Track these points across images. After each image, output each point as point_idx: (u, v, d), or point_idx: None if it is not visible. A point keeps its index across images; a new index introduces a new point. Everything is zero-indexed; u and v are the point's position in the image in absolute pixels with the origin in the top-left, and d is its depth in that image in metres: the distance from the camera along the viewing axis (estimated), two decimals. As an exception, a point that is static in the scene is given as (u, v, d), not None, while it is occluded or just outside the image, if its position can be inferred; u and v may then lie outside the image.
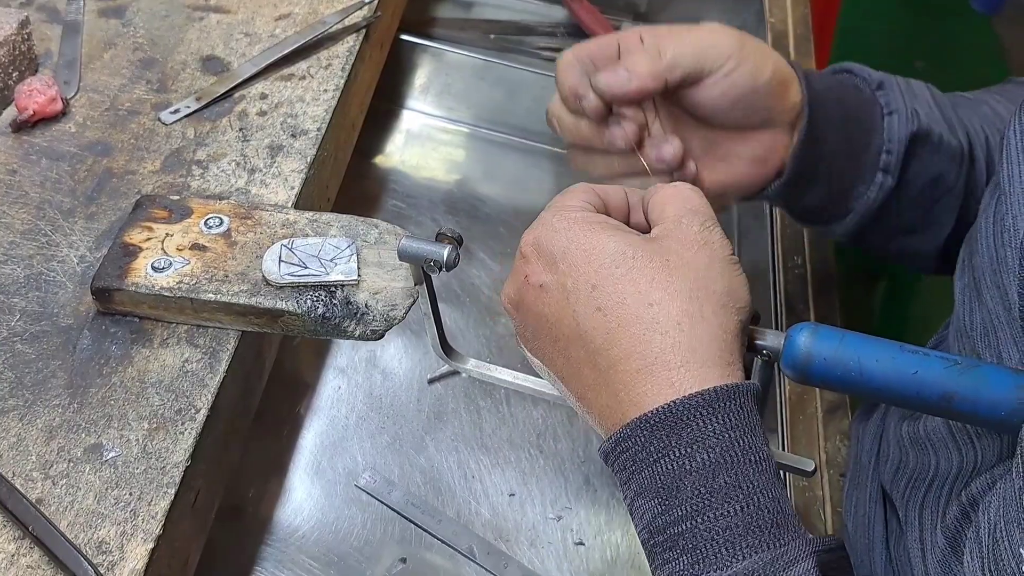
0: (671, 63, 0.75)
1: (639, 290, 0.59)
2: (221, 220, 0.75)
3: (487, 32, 1.37)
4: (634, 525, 0.58)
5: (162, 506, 0.63)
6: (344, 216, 0.77)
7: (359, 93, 0.97)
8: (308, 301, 0.71)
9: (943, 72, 0.90)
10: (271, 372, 0.82)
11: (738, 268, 0.62)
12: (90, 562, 0.59)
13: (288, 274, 0.72)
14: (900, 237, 0.88)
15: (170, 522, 0.63)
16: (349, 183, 0.97)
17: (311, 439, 0.96)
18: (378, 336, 0.73)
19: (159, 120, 0.86)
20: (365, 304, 0.72)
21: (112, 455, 0.65)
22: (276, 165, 0.83)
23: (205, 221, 0.75)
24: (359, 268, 0.73)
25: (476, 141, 1.29)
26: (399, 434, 0.97)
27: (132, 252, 0.73)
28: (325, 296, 0.72)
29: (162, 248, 0.73)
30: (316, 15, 0.96)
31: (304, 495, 0.92)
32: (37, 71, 0.89)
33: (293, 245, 0.74)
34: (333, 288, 0.72)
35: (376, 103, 1.05)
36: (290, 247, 0.73)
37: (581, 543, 0.91)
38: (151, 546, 0.61)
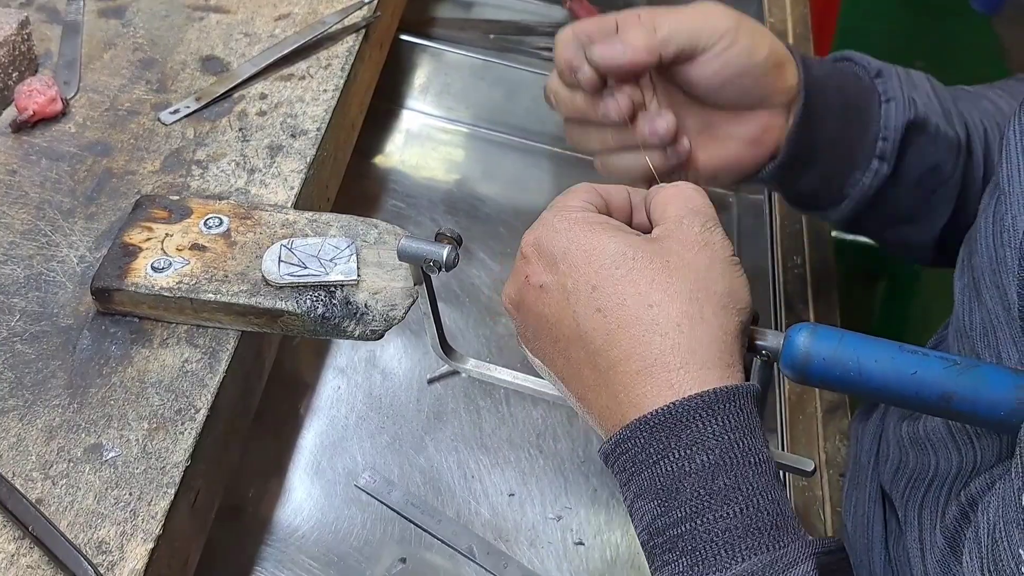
0: (665, 38, 0.77)
1: (639, 291, 0.59)
2: (221, 220, 0.75)
3: (487, 32, 1.37)
4: (634, 526, 0.58)
5: (162, 506, 0.63)
6: (344, 216, 0.77)
7: (359, 93, 0.97)
8: (308, 301, 0.71)
9: (943, 72, 0.90)
10: (271, 372, 0.82)
11: (739, 269, 0.62)
12: (90, 562, 0.59)
13: (288, 274, 0.72)
14: (896, 226, 0.88)
15: (170, 522, 0.63)
16: (349, 183, 0.97)
17: (311, 439, 0.96)
18: (378, 336, 0.73)
19: (159, 120, 0.86)
20: (365, 304, 0.72)
21: (112, 455, 0.65)
22: (276, 165, 0.83)
23: (205, 221, 0.75)
24: (359, 268, 0.73)
25: (476, 141, 1.29)
26: (399, 434, 0.97)
27: (132, 252, 0.73)
28: (325, 296, 0.72)
29: (162, 248, 0.74)
30: (316, 15, 0.96)
31: (304, 495, 0.92)
32: (37, 71, 0.89)
33: (293, 245, 0.74)
34: (333, 288, 0.72)
35: (376, 103, 1.05)
36: (290, 247, 0.73)
37: (581, 543, 0.91)
38: (151, 546, 0.61)
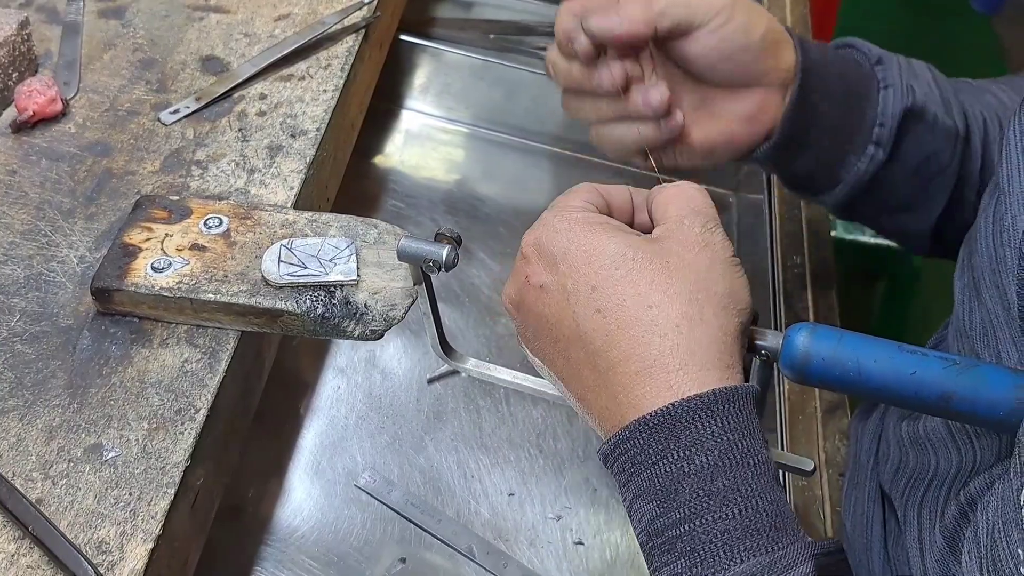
0: (662, 11, 0.78)
1: (638, 292, 0.59)
2: (220, 220, 0.76)
3: (486, 32, 1.37)
4: (633, 527, 0.58)
5: (162, 506, 0.63)
6: (343, 216, 0.77)
7: (358, 93, 0.97)
8: (307, 301, 0.71)
9: (943, 72, 0.90)
10: (271, 372, 0.82)
11: (739, 270, 0.62)
12: (90, 562, 0.59)
13: (287, 274, 0.72)
14: (892, 214, 0.89)
15: (170, 522, 0.63)
16: (348, 183, 0.97)
17: (311, 439, 0.96)
18: (377, 336, 0.73)
19: (159, 120, 0.86)
20: (364, 304, 0.72)
21: (112, 455, 0.65)
22: (275, 165, 0.83)
23: (204, 221, 0.75)
24: (358, 268, 0.73)
25: (475, 141, 1.29)
26: (398, 434, 0.97)
27: (132, 252, 0.73)
28: (324, 296, 0.72)
29: (162, 248, 0.74)
30: (315, 15, 0.96)
31: (304, 495, 0.92)
32: (37, 72, 0.89)
33: (292, 245, 0.74)
34: (332, 288, 0.72)
35: (375, 103, 1.05)
36: (289, 247, 0.73)
37: (580, 543, 0.91)
38: (151, 546, 0.61)
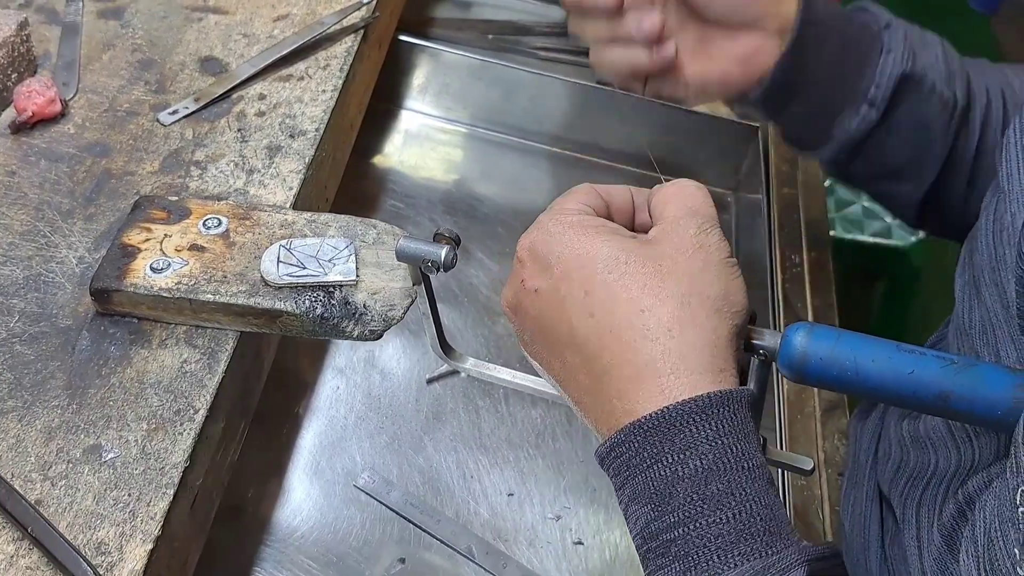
0: None
1: (631, 296, 0.59)
2: (219, 221, 0.76)
3: (485, 32, 1.37)
4: (629, 530, 0.58)
5: (161, 507, 0.63)
6: (342, 216, 0.77)
7: (357, 93, 0.97)
8: (306, 301, 0.71)
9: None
10: (270, 372, 0.82)
11: (735, 271, 0.61)
12: (89, 563, 0.59)
13: (286, 275, 0.72)
14: (882, 181, 0.91)
15: (169, 523, 0.63)
16: (347, 183, 0.97)
17: (310, 439, 0.96)
18: (376, 336, 0.73)
19: (158, 121, 0.86)
20: (363, 304, 0.72)
21: (111, 456, 0.65)
22: (274, 166, 0.83)
23: (203, 222, 0.75)
24: (357, 268, 0.73)
25: (474, 141, 1.29)
26: (398, 434, 0.97)
27: (131, 253, 0.73)
28: (323, 296, 0.72)
29: (161, 249, 0.74)
30: (314, 16, 0.96)
31: (303, 495, 0.92)
32: (36, 72, 0.89)
33: (291, 246, 0.74)
34: (331, 288, 0.72)
35: (374, 103, 1.05)
36: (288, 248, 0.73)
37: (580, 542, 0.92)
38: (150, 547, 0.61)
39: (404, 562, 0.88)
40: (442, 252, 0.69)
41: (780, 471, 0.90)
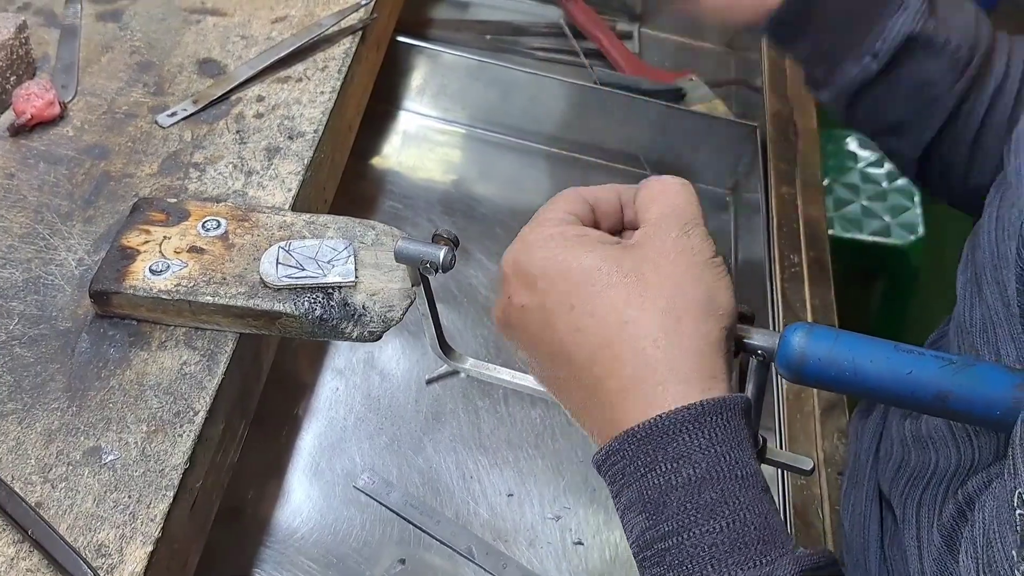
0: None
1: (615, 308, 0.58)
2: (218, 223, 0.76)
3: (483, 33, 1.38)
4: (626, 537, 0.58)
5: (161, 508, 0.63)
6: (341, 218, 0.77)
7: (356, 95, 0.97)
8: (305, 303, 0.71)
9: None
10: (269, 374, 0.82)
11: (720, 271, 0.60)
12: (89, 565, 0.59)
13: (285, 276, 0.72)
14: (884, 135, 0.92)
15: (169, 524, 0.63)
16: (346, 185, 0.97)
17: (309, 440, 0.96)
18: (376, 337, 0.73)
19: (156, 123, 0.86)
20: (363, 305, 0.72)
21: (111, 458, 0.65)
22: (273, 167, 0.83)
23: (202, 224, 0.75)
24: (356, 270, 0.73)
25: (472, 141, 1.29)
26: (397, 435, 0.97)
27: (130, 255, 0.73)
28: (322, 298, 0.72)
29: (160, 251, 0.74)
30: (312, 17, 0.96)
31: (303, 496, 0.92)
32: (35, 75, 0.89)
33: (290, 247, 0.74)
34: (330, 290, 0.72)
35: (373, 104, 1.05)
36: (287, 249, 0.74)
37: (580, 543, 0.92)
38: (150, 549, 0.61)
39: (404, 563, 0.88)
40: (440, 253, 0.69)
41: (780, 471, 0.90)
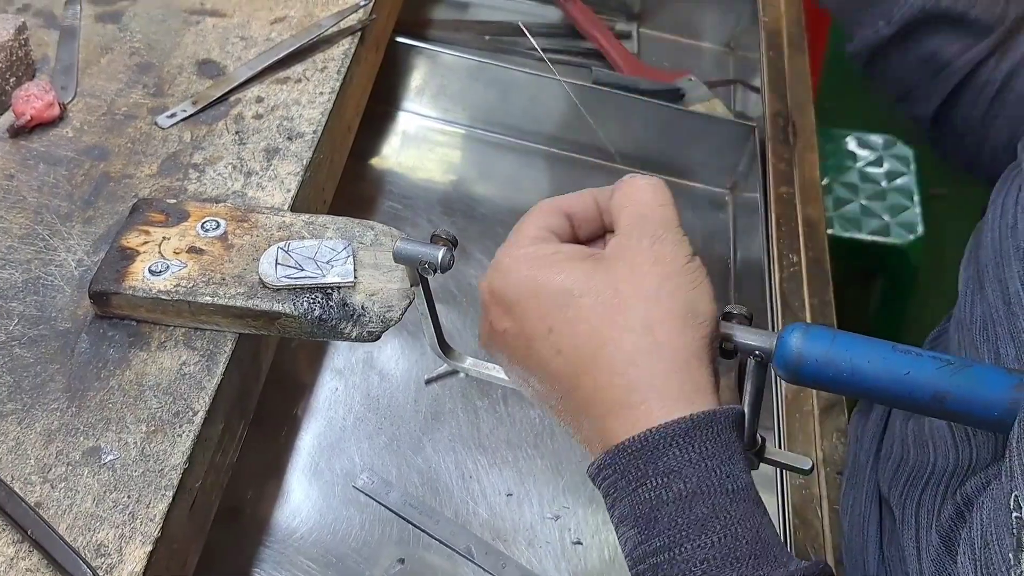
0: None
1: (592, 329, 0.57)
2: (218, 223, 0.76)
3: (482, 33, 1.37)
4: (621, 550, 0.57)
5: (160, 508, 0.63)
6: (340, 218, 0.78)
7: (355, 95, 0.97)
8: (305, 303, 0.71)
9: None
10: (268, 374, 0.82)
11: (696, 276, 0.59)
12: (89, 565, 0.59)
13: (285, 276, 0.72)
14: (897, 100, 0.96)
15: (168, 524, 0.63)
16: (345, 185, 0.97)
17: (309, 440, 0.96)
18: (375, 337, 0.73)
19: (156, 124, 0.86)
20: (362, 306, 0.72)
21: (110, 458, 0.65)
22: (272, 168, 0.84)
23: (202, 224, 0.76)
24: (355, 270, 0.73)
25: (471, 142, 1.29)
26: (397, 435, 0.97)
27: (129, 256, 0.73)
28: (322, 298, 0.72)
29: (159, 251, 0.74)
30: (312, 18, 0.96)
31: (302, 496, 0.92)
32: (34, 76, 0.89)
33: (289, 247, 0.74)
34: (329, 290, 0.72)
35: (372, 105, 1.05)
36: (286, 249, 0.74)
37: (579, 542, 0.92)
38: (149, 548, 0.62)
39: (403, 562, 0.88)
40: (439, 254, 0.69)
41: (779, 470, 0.90)
